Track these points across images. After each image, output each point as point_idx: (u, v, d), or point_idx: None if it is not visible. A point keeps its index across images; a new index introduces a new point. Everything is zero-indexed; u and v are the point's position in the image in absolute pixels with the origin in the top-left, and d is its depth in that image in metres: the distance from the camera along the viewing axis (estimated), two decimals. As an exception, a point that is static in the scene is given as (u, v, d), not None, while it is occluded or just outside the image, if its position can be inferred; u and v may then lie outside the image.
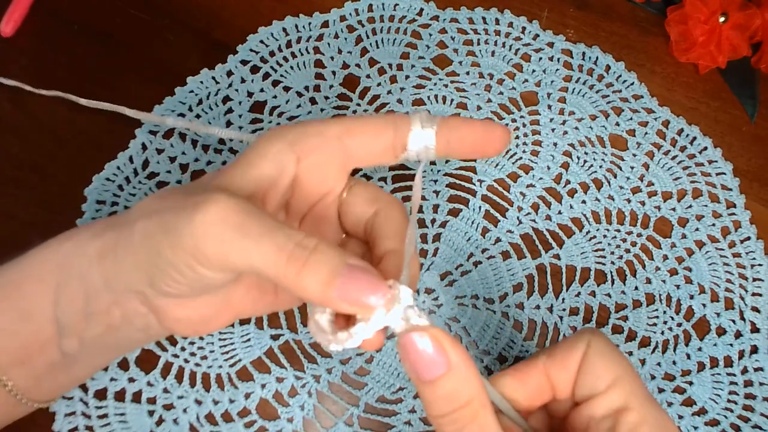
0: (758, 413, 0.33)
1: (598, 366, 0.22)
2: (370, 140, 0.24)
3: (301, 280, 0.20)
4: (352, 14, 0.42)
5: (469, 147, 0.25)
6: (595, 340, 0.22)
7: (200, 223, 0.20)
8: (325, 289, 0.20)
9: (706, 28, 0.41)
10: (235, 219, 0.20)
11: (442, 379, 0.20)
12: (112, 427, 0.29)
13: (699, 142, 0.40)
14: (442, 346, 0.20)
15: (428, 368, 0.20)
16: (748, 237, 0.37)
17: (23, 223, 0.34)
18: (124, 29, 0.40)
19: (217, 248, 0.20)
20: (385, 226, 0.25)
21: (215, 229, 0.20)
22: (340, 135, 0.24)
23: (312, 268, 0.19)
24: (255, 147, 0.24)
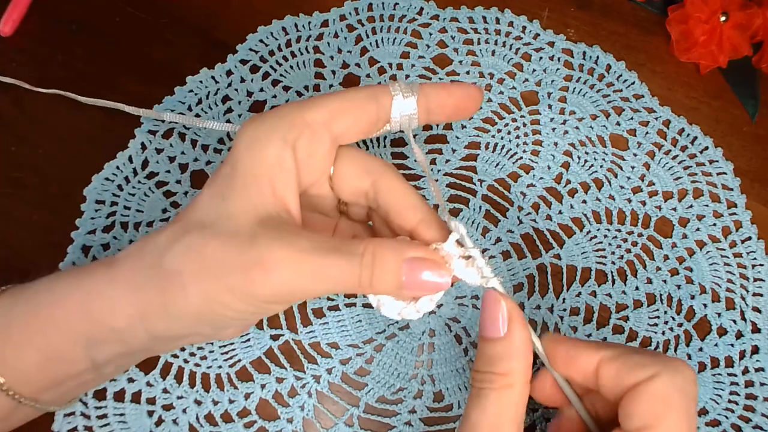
0: (759, 413, 0.33)
1: (642, 404, 0.21)
2: (356, 119, 0.24)
3: (375, 290, 0.23)
4: (352, 13, 0.42)
5: (450, 110, 0.25)
6: (663, 377, 0.21)
7: (277, 285, 0.21)
8: (397, 289, 0.23)
9: (707, 27, 0.41)
10: (304, 268, 0.21)
11: (494, 342, 0.23)
12: (112, 428, 0.29)
13: (700, 141, 0.40)
14: (511, 317, 0.23)
15: (491, 326, 0.23)
16: (749, 237, 0.37)
17: (23, 222, 0.34)
18: (124, 29, 0.40)
19: (296, 294, 0.23)
20: (396, 201, 0.25)
21: (291, 283, 0.22)
22: (326, 120, 0.23)
23: (379, 280, 0.22)
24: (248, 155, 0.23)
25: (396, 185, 0.25)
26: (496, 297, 0.23)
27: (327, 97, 0.24)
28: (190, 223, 0.23)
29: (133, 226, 0.34)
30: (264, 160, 0.23)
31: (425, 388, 0.32)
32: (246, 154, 0.23)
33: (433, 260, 0.23)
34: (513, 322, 0.23)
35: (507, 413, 0.22)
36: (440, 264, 0.23)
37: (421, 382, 0.32)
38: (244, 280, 0.21)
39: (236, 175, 0.23)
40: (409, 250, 0.23)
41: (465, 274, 0.24)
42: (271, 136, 0.23)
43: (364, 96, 0.24)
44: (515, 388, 0.22)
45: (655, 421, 0.21)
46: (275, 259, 0.21)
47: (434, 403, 0.32)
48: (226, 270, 0.21)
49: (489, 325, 0.23)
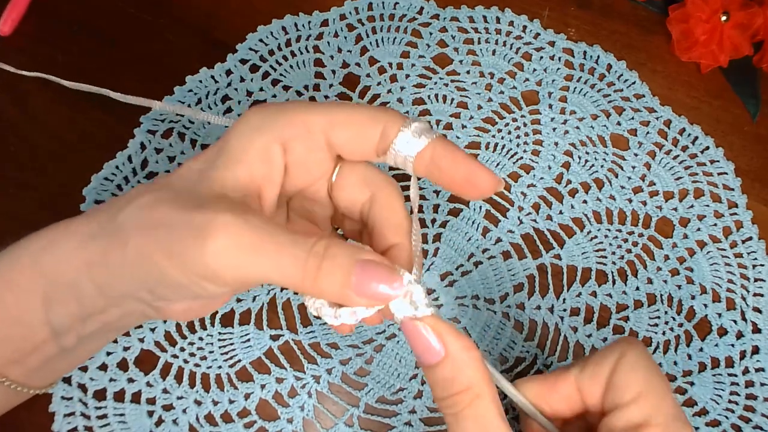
0: (759, 414, 0.32)
1: (626, 378, 0.22)
2: (355, 136, 0.23)
3: (319, 287, 0.20)
4: (352, 13, 0.42)
5: (448, 180, 0.23)
6: (629, 351, 0.22)
7: (213, 253, 0.19)
8: (341, 290, 0.20)
9: (708, 26, 0.41)
10: (246, 241, 0.20)
11: (439, 365, 0.21)
12: (112, 428, 0.29)
13: (701, 141, 0.40)
14: (439, 334, 0.21)
15: (426, 354, 0.21)
16: (749, 237, 0.37)
17: (23, 222, 0.34)
18: (123, 28, 0.40)
19: (232, 272, 0.20)
20: (384, 217, 0.24)
21: (229, 255, 0.20)
22: (325, 128, 0.23)
23: (326, 273, 0.20)
24: (239, 140, 0.22)
25: (391, 202, 0.24)
26: (413, 324, 0.21)
27: (333, 106, 0.23)
28: (160, 185, 0.22)
29: (133, 226, 0.34)
30: (251, 148, 0.22)
31: (425, 388, 0.32)
32: (236, 138, 0.22)
33: (390, 268, 0.21)
34: (444, 336, 0.21)
35: (488, 421, 0.21)
36: (396, 275, 0.21)
37: (420, 383, 0.32)
38: (181, 243, 0.20)
39: (221, 155, 0.22)
40: (366, 253, 0.21)
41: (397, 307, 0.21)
42: (266, 128, 0.22)
43: (371, 117, 0.23)
44: (483, 395, 0.21)
45: (645, 385, 0.22)
46: (218, 224, 0.19)
47: (434, 403, 0.32)
48: (165, 230, 0.20)
49: (425, 354, 0.21)
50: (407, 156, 0.22)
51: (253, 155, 0.22)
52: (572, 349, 0.33)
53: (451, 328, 0.21)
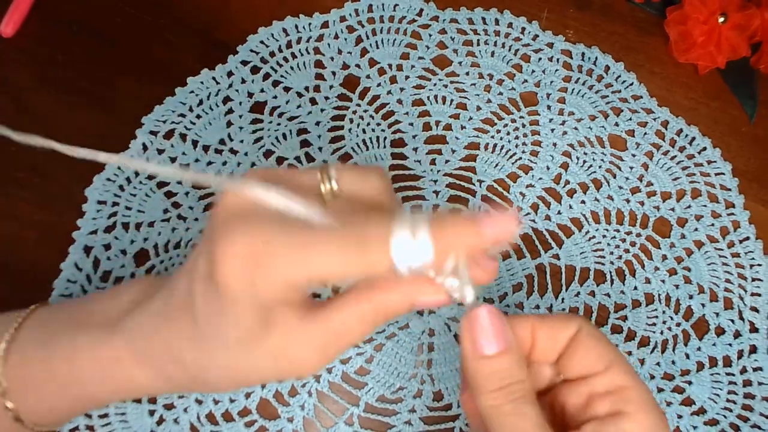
0: (757, 413, 0.33)
1: (594, 348, 0.23)
2: (333, 269, 0.19)
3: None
4: (352, 15, 0.42)
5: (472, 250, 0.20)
6: (586, 325, 0.23)
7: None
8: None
9: (706, 28, 0.41)
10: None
11: (498, 356, 0.21)
12: (113, 427, 0.29)
13: (698, 142, 0.40)
14: (506, 324, 0.21)
15: (490, 342, 0.21)
16: (746, 237, 0.37)
17: (24, 223, 0.34)
18: (124, 29, 0.40)
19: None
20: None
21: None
22: (310, 278, 0.20)
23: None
24: (234, 291, 0.19)
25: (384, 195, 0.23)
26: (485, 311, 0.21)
27: (310, 253, 0.19)
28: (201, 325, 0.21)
29: (135, 226, 0.34)
30: (250, 303, 0.20)
31: (425, 387, 0.32)
32: (230, 289, 0.20)
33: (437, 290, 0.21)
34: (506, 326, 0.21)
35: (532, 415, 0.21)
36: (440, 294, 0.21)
37: (420, 382, 0.32)
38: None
39: (226, 302, 0.20)
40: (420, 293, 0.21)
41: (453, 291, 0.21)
42: (255, 285, 0.19)
43: (341, 242, 0.19)
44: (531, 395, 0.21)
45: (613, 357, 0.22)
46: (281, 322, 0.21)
47: (434, 402, 0.32)
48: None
49: (491, 341, 0.21)
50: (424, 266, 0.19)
51: (257, 302, 0.20)
52: (571, 348, 0.34)
53: (504, 318, 0.22)
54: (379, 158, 0.38)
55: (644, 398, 0.22)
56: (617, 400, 0.22)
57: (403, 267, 0.19)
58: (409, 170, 0.37)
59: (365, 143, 0.38)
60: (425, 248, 0.19)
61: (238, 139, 0.37)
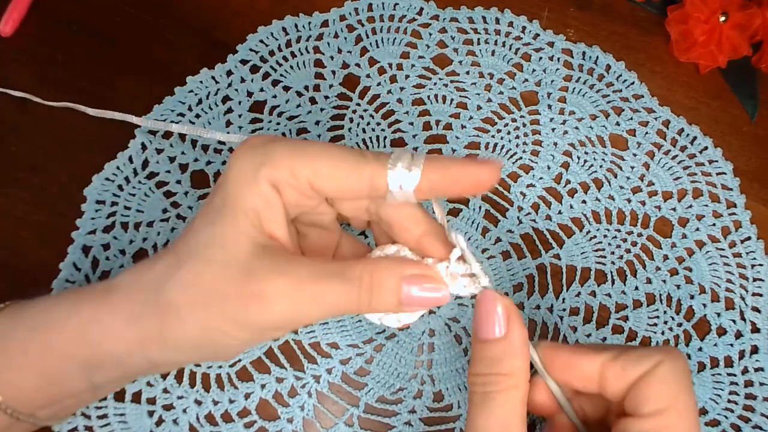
0: (759, 413, 0.33)
1: (654, 388, 0.22)
2: (340, 188, 0.23)
3: (375, 309, 0.23)
4: (352, 13, 0.42)
5: (454, 191, 0.23)
6: (668, 361, 0.22)
7: (277, 314, 0.22)
8: (396, 308, 0.23)
9: (707, 27, 0.41)
10: (303, 297, 0.22)
11: (493, 342, 0.22)
12: (112, 428, 0.29)
13: (699, 141, 0.40)
14: (509, 316, 0.22)
15: (489, 327, 0.22)
16: (748, 237, 0.37)
17: (23, 222, 0.34)
18: (124, 29, 0.40)
19: (296, 322, 0.23)
20: (394, 215, 0.24)
21: (291, 313, 0.22)
22: (309, 178, 0.23)
23: (377, 301, 0.22)
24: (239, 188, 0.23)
25: None
26: (493, 296, 0.23)
27: (316, 153, 0.23)
28: (185, 253, 0.23)
29: (134, 226, 0.34)
30: (250, 196, 0.23)
31: (425, 388, 0.32)
32: (235, 189, 0.23)
33: (430, 276, 0.23)
34: (511, 320, 0.22)
35: (516, 414, 0.22)
36: (437, 279, 0.23)
37: (420, 382, 0.32)
38: (242, 311, 0.22)
39: (227, 206, 0.23)
40: (405, 267, 0.23)
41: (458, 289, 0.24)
42: (257, 175, 0.23)
43: (353, 166, 0.22)
44: (520, 388, 0.22)
45: (671, 402, 0.22)
46: (274, 291, 0.21)
47: (434, 403, 0.32)
48: (224, 302, 0.22)
49: (487, 326, 0.22)
50: (406, 193, 0.23)
51: (259, 203, 0.23)
52: (572, 348, 0.33)
53: (518, 313, 0.23)
54: (379, 158, 0.37)
55: None
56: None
57: (395, 184, 0.22)
58: (409, 170, 0.37)
59: (365, 142, 0.38)
60: (416, 172, 0.22)
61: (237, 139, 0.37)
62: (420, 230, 0.24)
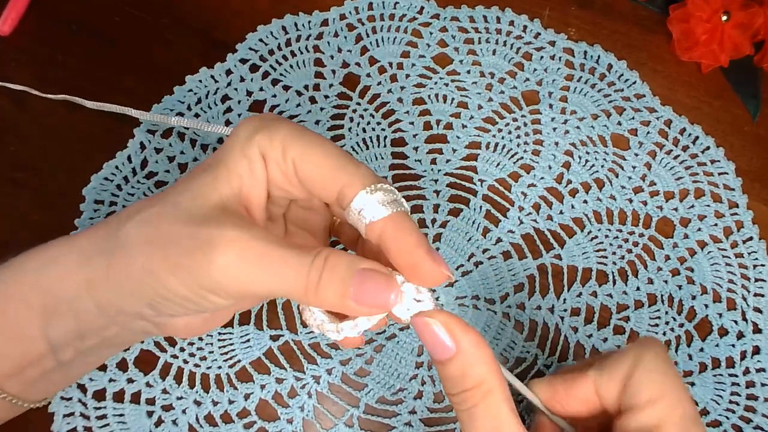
0: (760, 414, 0.32)
1: (641, 380, 0.22)
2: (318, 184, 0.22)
3: (320, 298, 0.21)
4: (352, 12, 0.42)
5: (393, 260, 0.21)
6: (646, 352, 0.23)
7: (219, 266, 0.20)
8: (342, 300, 0.21)
9: (709, 26, 0.41)
10: (251, 254, 0.20)
11: (451, 361, 0.21)
12: (111, 428, 0.29)
13: (701, 141, 0.40)
14: (450, 330, 0.21)
15: (438, 350, 0.21)
16: (750, 237, 0.37)
17: (22, 222, 0.34)
18: (123, 28, 0.40)
19: (238, 284, 0.21)
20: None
21: (235, 268, 0.20)
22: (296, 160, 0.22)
23: (326, 284, 0.20)
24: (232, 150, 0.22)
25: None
26: (424, 322, 0.21)
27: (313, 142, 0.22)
28: (159, 198, 0.22)
29: (133, 226, 0.34)
30: (238, 157, 0.22)
31: (425, 388, 0.32)
32: (227, 149, 0.22)
33: (386, 276, 0.21)
34: (455, 333, 0.21)
35: (501, 415, 0.21)
36: (393, 283, 0.21)
37: (421, 383, 0.32)
38: (187, 258, 0.20)
39: (213, 166, 0.22)
40: (364, 262, 0.21)
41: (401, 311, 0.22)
42: (251, 139, 0.22)
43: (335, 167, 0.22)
44: (495, 390, 0.21)
45: (659, 391, 0.22)
46: (224, 239, 0.20)
47: (434, 403, 0.32)
48: (172, 245, 0.21)
49: (436, 350, 0.21)
50: (360, 219, 0.21)
51: (243, 169, 0.22)
52: (572, 349, 0.33)
53: (462, 323, 0.21)
54: (379, 157, 0.37)
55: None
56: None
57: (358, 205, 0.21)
58: (410, 170, 0.37)
59: (365, 142, 0.38)
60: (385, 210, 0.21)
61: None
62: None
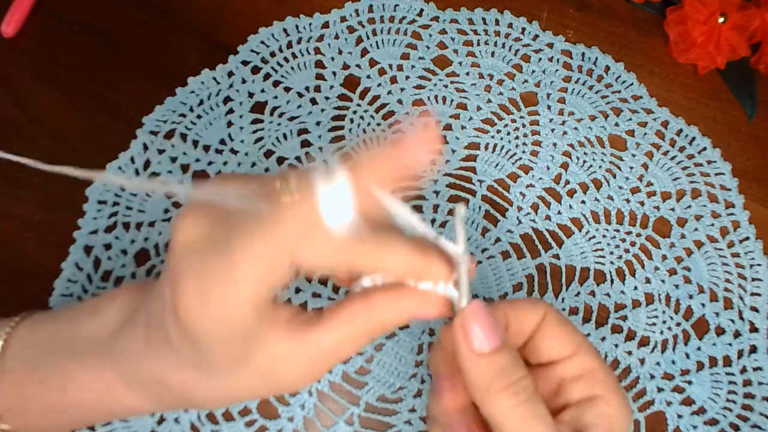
0: (757, 412, 0.33)
1: (561, 332, 0.23)
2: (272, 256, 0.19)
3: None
4: (353, 15, 0.42)
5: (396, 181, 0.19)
6: (551, 311, 0.23)
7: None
8: None
9: (705, 28, 0.41)
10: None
11: (498, 352, 0.20)
12: (113, 426, 0.29)
13: (698, 142, 0.40)
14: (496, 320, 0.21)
15: (486, 338, 0.20)
16: (746, 237, 0.37)
17: (24, 223, 0.34)
18: (125, 30, 0.40)
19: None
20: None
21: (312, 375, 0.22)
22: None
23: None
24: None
25: None
26: (482, 308, 0.20)
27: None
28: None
29: (135, 226, 0.34)
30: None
31: (425, 387, 0.32)
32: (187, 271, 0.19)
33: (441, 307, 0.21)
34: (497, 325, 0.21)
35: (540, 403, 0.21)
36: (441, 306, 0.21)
37: (421, 381, 0.32)
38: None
39: None
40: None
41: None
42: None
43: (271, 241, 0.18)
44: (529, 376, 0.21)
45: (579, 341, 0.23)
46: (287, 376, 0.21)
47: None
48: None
49: (488, 338, 0.20)
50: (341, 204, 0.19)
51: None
52: (571, 348, 0.34)
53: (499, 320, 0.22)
54: (379, 158, 0.38)
55: (612, 379, 0.22)
56: (589, 384, 0.22)
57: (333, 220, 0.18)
58: (410, 170, 0.37)
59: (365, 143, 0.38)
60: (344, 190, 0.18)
61: (238, 139, 0.37)
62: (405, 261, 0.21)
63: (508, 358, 0.20)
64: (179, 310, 0.19)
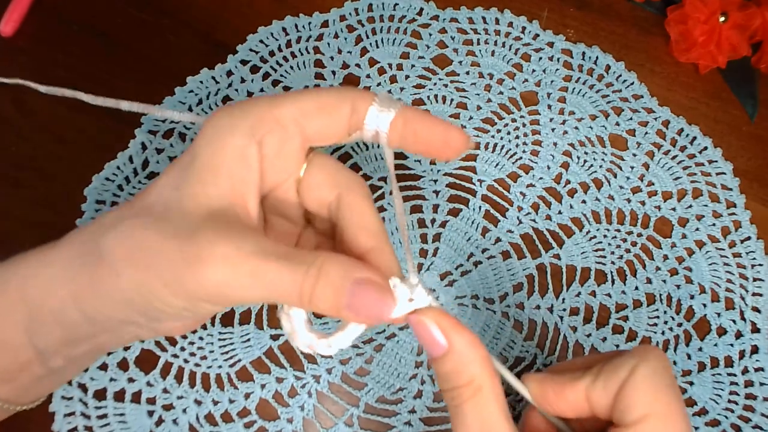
0: (759, 413, 0.33)
1: (634, 395, 0.22)
2: (327, 121, 0.22)
3: (315, 305, 0.21)
4: (352, 14, 0.42)
5: (423, 144, 0.23)
6: (642, 364, 0.22)
7: (213, 282, 0.20)
8: (336, 309, 0.21)
9: (706, 27, 0.41)
10: (244, 270, 0.20)
11: (443, 358, 0.22)
12: (112, 428, 0.29)
13: (699, 141, 0.40)
14: (442, 327, 0.22)
15: (431, 347, 0.22)
16: (748, 237, 0.37)
17: (23, 222, 0.34)
18: (124, 29, 0.40)
19: (232, 295, 0.21)
20: (351, 220, 0.23)
21: (229, 284, 0.20)
22: (297, 118, 0.22)
23: (322, 293, 0.20)
24: (211, 146, 0.21)
25: (359, 203, 0.23)
26: (418, 319, 0.22)
27: (300, 94, 0.22)
28: (140, 207, 0.22)
29: (134, 226, 0.34)
30: (225, 152, 0.21)
31: (425, 388, 0.32)
32: (207, 145, 0.21)
33: (382, 286, 0.21)
34: (447, 331, 0.22)
35: (489, 414, 0.21)
36: (387, 294, 0.21)
37: (420, 382, 0.32)
38: (177, 273, 0.20)
39: (194, 166, 0.21)
40: (360, 270, 0.21)
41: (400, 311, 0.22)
42: (236, 129, 0.21)
43: (340, 98, 0.22)
44: (485, 388, 0.22)
45: (648, 408, 0.22)
46: (213, 255, 0.20)
47: (434, 403, 0.32)
48: (161, 261, 0.20)
49: (429, 347, 0.22)
50: (380, 129, 0.22)
51: (231, 160, 0.21)
52: (572, 348, 0.33)
53: (456, 324, 0.22)
54: (379, 158, 0.37)
55: None
56: None
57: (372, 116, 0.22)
58: (409, 170, 0.37)
59: (365, 142, 0.38)
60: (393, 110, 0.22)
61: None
62: (370, 244, 0.23)
63: (451, 364, 0.22)
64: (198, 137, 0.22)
